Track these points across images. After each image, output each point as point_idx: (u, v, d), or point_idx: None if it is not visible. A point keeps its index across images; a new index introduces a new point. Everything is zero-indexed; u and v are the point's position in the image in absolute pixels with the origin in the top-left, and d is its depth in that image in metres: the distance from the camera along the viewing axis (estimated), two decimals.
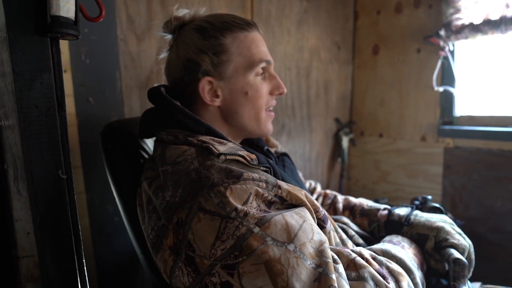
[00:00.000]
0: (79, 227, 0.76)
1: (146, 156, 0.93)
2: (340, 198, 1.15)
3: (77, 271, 0.74)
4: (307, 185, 1.23)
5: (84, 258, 0.76)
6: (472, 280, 1.01)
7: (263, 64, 0.87)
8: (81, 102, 1.28)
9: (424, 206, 1.07)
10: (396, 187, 1.98)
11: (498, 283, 1.30)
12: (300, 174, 1.18)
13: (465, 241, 0.84)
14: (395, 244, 0.83)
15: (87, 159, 1.31)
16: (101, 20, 1.25)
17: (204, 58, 0.84)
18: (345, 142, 2.08)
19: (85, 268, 0.76)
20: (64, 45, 1.22)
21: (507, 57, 1.56)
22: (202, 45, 0.84)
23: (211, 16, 0.88)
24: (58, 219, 0.71)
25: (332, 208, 1.13)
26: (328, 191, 1.21)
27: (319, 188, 1.24)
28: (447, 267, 0.83)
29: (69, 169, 0.72)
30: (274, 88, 0.91)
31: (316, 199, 1.18)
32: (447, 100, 1.72)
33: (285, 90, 0.92)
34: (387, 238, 0.89)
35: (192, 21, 0.89)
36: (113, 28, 1.32)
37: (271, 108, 0.94)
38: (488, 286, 1.00)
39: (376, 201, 1.51)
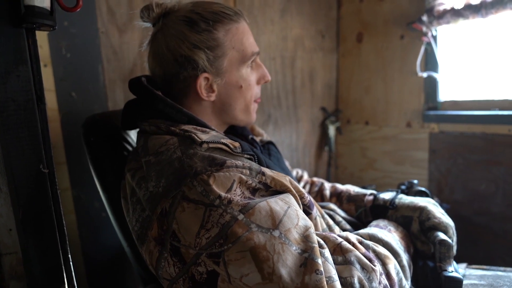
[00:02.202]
0: (63, 222, 0.75)
1: (129, 148, 0.92)
2: (327, 185, 1.16)
3: (63, 267, 0.73)
4: (294, 173, 1.23)
5: (69, 253, 0.75)
6: (458, 261, 1.03)
7: (255, 57, 0.88)
8: (63, 97, 1.26)
9: (410, 190, 1.09)
10: (383, 174, 2.00)
11: (483, 263, 1.33)
12: (287, 163, 1.18)
13: (447, 220, 0.85)
14: (381, 228, 0.84)
15: (71, 155, 1.29)
16: (81, 12, 1.22)
17: (199, 54, 0.82)
18: (331, 130, 2.09)
19: (71, 263, 0.75)
20: (43, 39, 1.19)
21: (488, 41, 1.57)
22: (195, 40, 0.81)
23: (198, 6, 0.84)
24: (41, 214, 0.70)
25: (319, 195, 1.14)
26: (315, 179, 1.22)
27: (306, 176, 1.24)
28: (433, 249, 0.85)
29: (51, 163, 0.71)
30: (260, 77, 0.92)
31: (303, 187, 1.19)
32: (431, 85, 1.74)
33: (270, 78, 0.94)
34: (374, 222, 0.90)
35: (176, 10, 0.85)
36: (94, 21, 1.29)
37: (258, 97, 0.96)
38: (473, 266, 1.02)
39: (364, 188, 1.52)
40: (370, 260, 0.66)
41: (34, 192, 0.68)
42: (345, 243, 0.68)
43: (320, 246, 0.63)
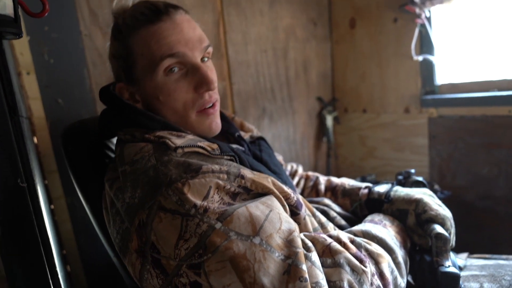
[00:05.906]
0: (49, 236, 0.73)
1: (112, 155, 0.90)
2: (322, 179, 1.13)
3: (51, 284, 0.71)
4: (288, 167, 1.20)
5: (56, 267, 0.73)
6: (459, 251, 1.00)
7: (167, 61, 0.73)
8: (50, 105, 1.23)
9: (407, 181, 1.06)
10: (384, 162, 1.97)
11: (488, 248, 1.30)
12: (280, 157, 1.15)
13: (444, 212, 0.82)
14: (376, 223, 0.82)
15: (63, 163, 1.27)
16: (61, 15, 1.18)
17: (114, 62, 0.81)
18: (329, 120, 2.05)
19: (60, 279, 0.73)
20: (24, 46, 1.16)
21: (483, 19, 1.52)
22: (113, 47, 0.81)
23: (131, 8, 0.79)
24: (24, 230, 0.68)
25: (314, 190, 1.11)
26: (310, 173, 1.19)
27: (300, 171, 1.21)
28: (430, 243, 0.82)
29: (30, 176, 0.68)
30: (197, 84, 0.76)
31: (298, 182, 1.16)
32: (428, 69, 1.69)
33: (213, 86, 0.76)
34: (369, 217, 0.87)
35: (123, 12, 0.80)
36: (75, 24, 1.26)
37: (209, 106, 0.79)
38: (475, 256, 0.99)
39: (364, 177, 1.48)
40: (361, 261, 0.63)
41: (14, 208, 0.66)
42: (334, 244, 0.65)
43: (307, 249, 0.61)
